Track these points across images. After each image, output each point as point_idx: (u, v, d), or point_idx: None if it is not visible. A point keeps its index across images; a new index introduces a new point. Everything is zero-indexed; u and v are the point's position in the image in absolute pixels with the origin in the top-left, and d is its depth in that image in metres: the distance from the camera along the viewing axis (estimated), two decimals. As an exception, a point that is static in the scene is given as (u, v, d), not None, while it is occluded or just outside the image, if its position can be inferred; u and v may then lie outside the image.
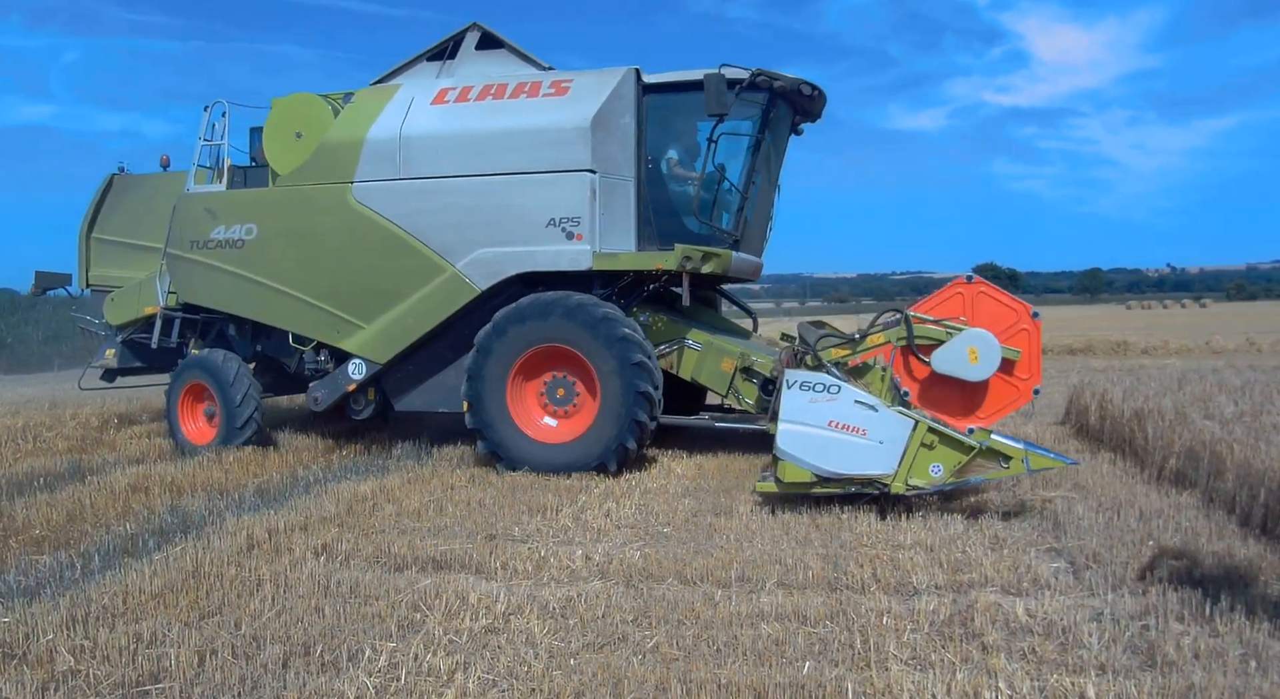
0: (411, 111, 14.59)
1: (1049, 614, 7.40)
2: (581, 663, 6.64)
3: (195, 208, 15.93)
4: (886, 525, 10.22)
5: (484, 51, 15.08)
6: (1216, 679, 6.08)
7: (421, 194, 14.38)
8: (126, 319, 17.12)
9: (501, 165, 14.00)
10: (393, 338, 14.69)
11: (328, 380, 15.34)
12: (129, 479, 13.05)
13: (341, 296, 14.99)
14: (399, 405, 15.47)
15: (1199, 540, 9.26)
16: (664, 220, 14.35)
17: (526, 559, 9.11)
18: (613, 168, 13.86)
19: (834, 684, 6.14)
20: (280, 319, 15.58)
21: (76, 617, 7.52)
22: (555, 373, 13.92)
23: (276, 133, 15.43)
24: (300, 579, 8.56)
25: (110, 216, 17.81)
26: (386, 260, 14.52)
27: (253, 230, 15.49)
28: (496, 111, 14.18)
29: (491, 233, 14.00)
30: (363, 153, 14.65)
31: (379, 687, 6.24)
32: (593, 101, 13.77)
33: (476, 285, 14.07)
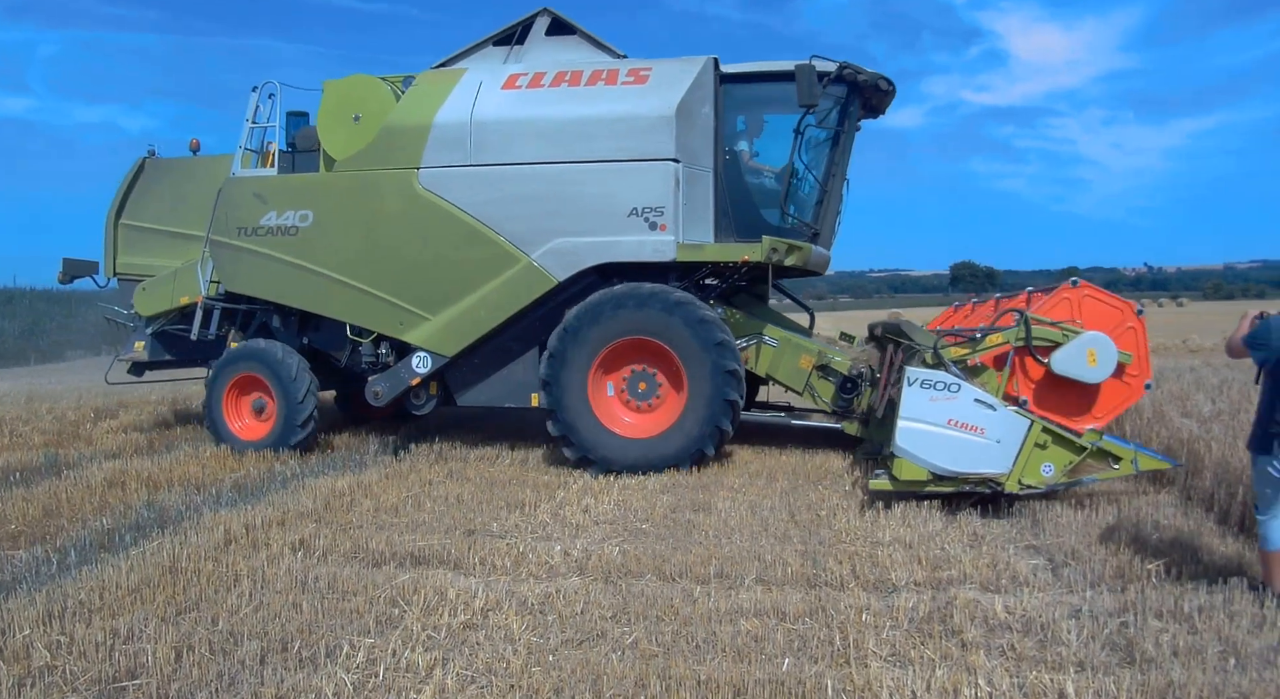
0: (481, 96, 14.17)
1: (1028, 611, 7.41)
2: (560, 659, 6.62)
3: (243, 193, 15.29)
4: (865, 522, 10.23)
5: (554, 37, 14.70)
6: (1195, 676, 6.10)
7: (494, 181, 13.99)
8: (159, 310, 16.28)
9: (580, 153, 13.71)
10: (462, 330, 14.27)
11: (389, 374, 14.80)
12: (105, 474, 12.98)
13: (405, 287, 14.49)
14: (461, 400, 14.98)
15: (1177, 538, 9.28)
16: (740, 212, 14.16)
17: (505, 555, 9.09)
18: (693, 158, 13.65)
19: (813, 681, 6.13)
20: (337, 310, 15.00)
21: (53, 612, 7.47)
22: (636, 366, 13.71)
23: (331, 116, 14.88)
24: (278, 575, 8.52)
25: (140, 202, 16.84)
26: (455, 249, 14.12)
27: (308, 217, 14.91)
28: (573, 98, 13.89)
29: (570, 222, 13.70)
30: (430, 137, 14.19)
31: (357, 683, 6.21)
32: (675, 90, 13.56)
33: (554, 276, 13.75)
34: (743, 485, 12.27)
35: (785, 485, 12.23)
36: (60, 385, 27.37)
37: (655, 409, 13.65)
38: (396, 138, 14.38)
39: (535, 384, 14.04)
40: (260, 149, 15.86)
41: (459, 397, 14.92)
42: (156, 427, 17.95)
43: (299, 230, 14.93)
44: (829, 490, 11.88)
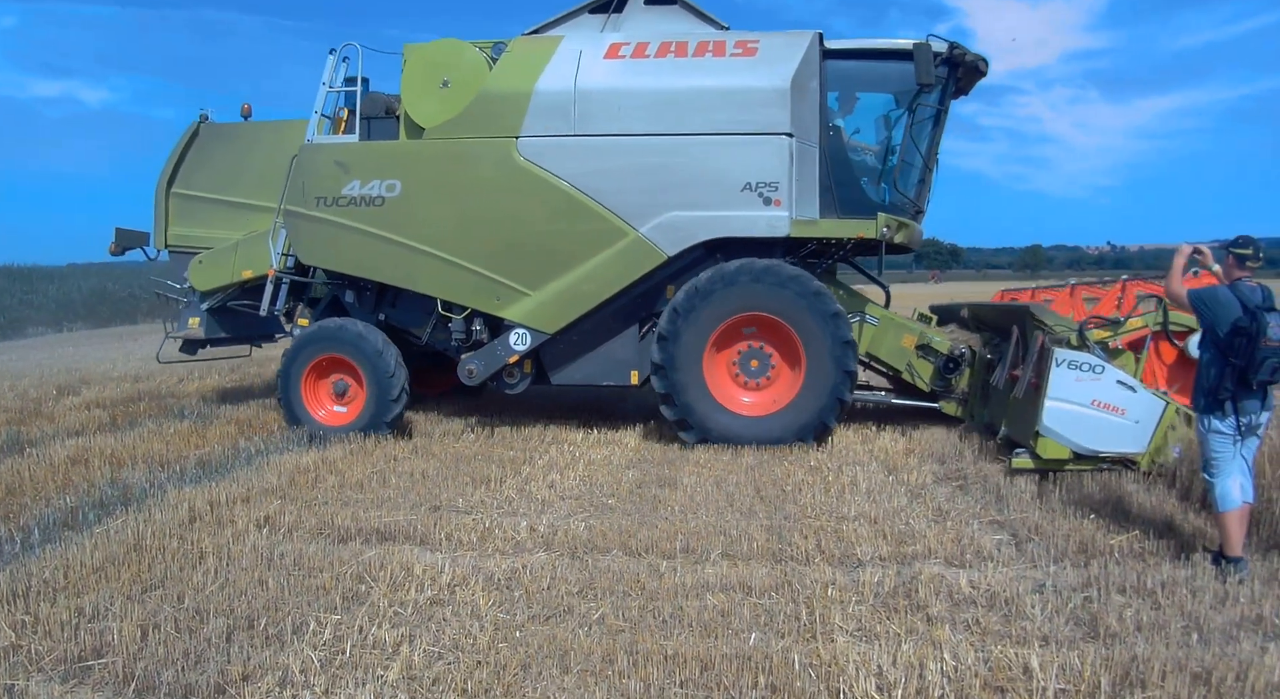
0: (584, 65, 13.76)
1: (992, 586, 7.46)
2: (527, 635, 6.63)
3: (323, 160, 14.48)
4: (831, 498, 10.27)
5: (654, 6, 14.26)
6: (1159, 650, 6.16)
7: (601, 152, 13.62)
8: (217, 284, 15.52)
9: (692, 125, 13.43)
10: (565, 306, 13.86)
11: (484, 352, 14.23)
12: (68, 451, 12.89)
13: (503, 261, 13.99)
14: (556, 378, 14.56)
15: (1140, 514, 9.35)
16: (843, 188, 13.92)
17: (471, 530, 9.09)
18: (804, 133, 13.43)
19: (780, 655, 6.16)
20: (428, 285, 14.35)
21: (17, 591, 7.43)
22: (748, 343, 13.56)
23: (416, 81, 14.20)
24: (243, 552, 8.50)
25: (195, 170, 16.04)
26: (558, 222, 13.71)
27: (395, 187, 14.20)
28: (681, 69, 13.59)
29: (681, 195, 13.41)
30: (530, 106, 13.72)
31: (324, 660, 6.20)
32: (788, 64, 13.36)
33: (664, 251, 13.46)
34: (708, 461, 12.29)
35: (751, 461, 12.24)
36: (22, 362, 27.14)
37: (769, 386, 13.55)
38: (493, 105, 13.92)
39: (634, 361, 14.04)
40: (332, 115, 15.19)
41: (553, 375, 14.57)
42: (120, 403, 17.79)
43: (385, 200, 14.25)
44: (794, 466, 11.90)
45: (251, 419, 15.70)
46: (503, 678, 6.00)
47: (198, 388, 19.91)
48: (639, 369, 14.03)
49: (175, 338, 16.23)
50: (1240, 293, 7.74)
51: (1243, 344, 7.67)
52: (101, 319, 54.25)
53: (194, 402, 17.85)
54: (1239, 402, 7.73)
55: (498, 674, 6.05)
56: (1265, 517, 8.49)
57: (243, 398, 18.17)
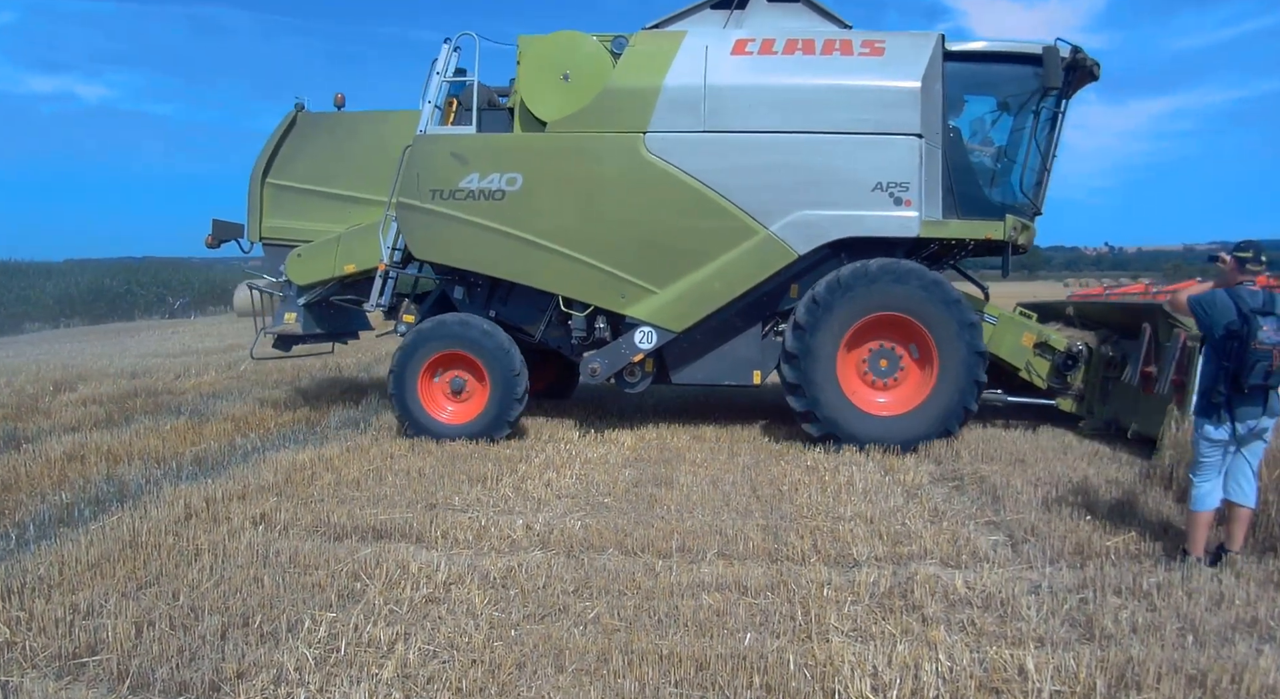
0: (711, 60, 13.56)
1: (988, 587, 7.46)
2: (523, 634, 6.64)
3: (438, 152, 14.10)
4: (827, 498, 10.28)
5: (777, 3, 14.09)
6: (1154, 652, 6.16)
7: (731, 149, 13.44)
8: (316, 278, 15.19)
9: (823, 124, 13.29)
10: (693, 305, 13.63)
11: (608, 350, 13.95)
12: (65, 447, 12.90)
13: (629, 258, 13.73)
14: (677, 377, 14.36)
15: (1136, 515, 9.36)
16: (963, 189, 13.86)
17: (467, 529, 9.09)
18: (930, 133, 13.37)
19: (775, 655, 6.16)
20: (550, 282, 14.04)
21: (12, 588, 7.43)
22: (882, 342, 13.43)
23: (535, 74, 13.98)
24: (239, 549, 8.50)
25: (291, 160, 15.61)
26: (686, 219, 13.49)
27: (516, 180, 13.83)
28: (810, 67, 13.43)
29: (812, 194, 13.26)
30: (659, 101, 13.54)
31: (319, 658, 6.21)
32: (917, 64, 13.32)
33: (795, 249, 13.28)
34: (704, 460, 12.30)
35: (747, 460, 12.26)
36: (19, 358, 27.12)
37: (895, 387, 13.47)
38: (620, 100, 13.72)
39: (756, 361, 13.95)
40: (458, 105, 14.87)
41: (675, 374, 14.37)
42: (116, 399, 17.78)
43: (506, 194, 13.88)
44: (791, 465, 11.92)
45: (248, 416, 15.69)
46: (498, 677, 6.00)
47: (194, 385, 19.91)
48: (761, 369, 13.98)
49: (270, 333, 15.88)
50: (1238, 297, 7.76)
51: (1234, 347, 7.70)
52: (99, 315, 54.29)
53: (190, 398, 17.85)
54: (1235, 408, 7.75)
55: (493, 673, 6.05)
56: (1262, 519, 8.48)
57: (239, 395, 18.16)
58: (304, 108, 15.71)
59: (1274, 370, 7.56)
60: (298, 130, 15.67)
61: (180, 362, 24.57)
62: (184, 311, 59.79)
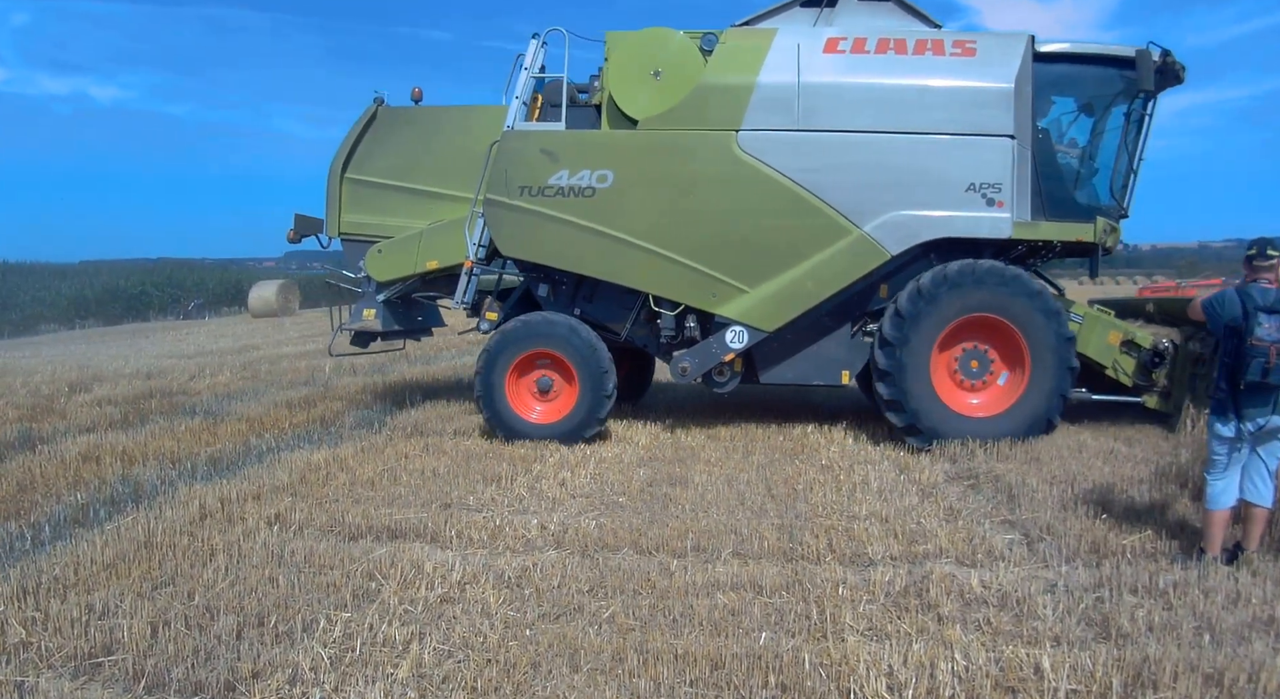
0: (804, 59, 13.49)
1: (1004, 586, 7.44)
2: (538, 633, 6.63)
3: (527, 149, 13.98)
4: (842, 497, 10.26)
5: (867, 2, 14.06)
6: (1170, 651, 6.13)
7: (825, 148, 13.36)
8: (397, 275, 15.15)
9: (916, 124, 13.28)
10: (785, 304, 13.54)
11: (699, 349, 13.89)
12: (80, 448, 12.94)
13: (720, 256, 13.64)
14: (766, 377, 14.29)
15: (1152, 514, 9.33)
16: (1051, 191, 13.84)
17: (482, 528, 9.09)
18: (1021, 135, 13.36)
19: (791, 654, 6.15)
20: (640, 280, 13.94)
21: (27, 588, 7.45)
22: (970, 344, 13.40)
23: (625, 71, 13.89)
24: (253, 549, 8.51)
25: (371, 155, 15.47)
26: (779, 218, 13.38)
27: (607, 177, 13.74)
28: (903, 67, 13.42)
29: (906, 195, 13.24)
30: (752, 99, 13.46)
31: (334, 657, 6.21)
32: (1009, 65, 13.31)
33: (887, 249, 13.24)
34: (719, 459, 12.29)
35: (762, 459, 12.25)
36: (34, 359, 27.21)
37: (988, 386, 13.45)
38: (713, 97, 13.64)
39: (846, 361, 13.93)
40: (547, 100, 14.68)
41: (763, 374, 14.29)
42: (131, 400, 17.82)
43: (596, 191, 13.79)
44: (805, 465, 11.90)
45: (262, 416, 15.71)
46: (513, 676, 6.00)
47: (209, 385, 19.94)
48: (850, 369, 13.94)
49: (348, 330, 15.69)
50: (1246, 294, 7.74)
51: (1234, 344, 7.72)
52: (114, 316, 54.44)
53: (205, 399, 17.87)
54: (1242, 407, 7.73)
55: (508, 672, 6.05)
56: (1279, 518, 8.45)
57: (254, 396, 18.18)
58: (384, 102, 15.56)
59: (1272, 368, 7.52)
60: (377, 125, 15.55)
61: (195, 362, 24.63)
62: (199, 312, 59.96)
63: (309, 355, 26.59)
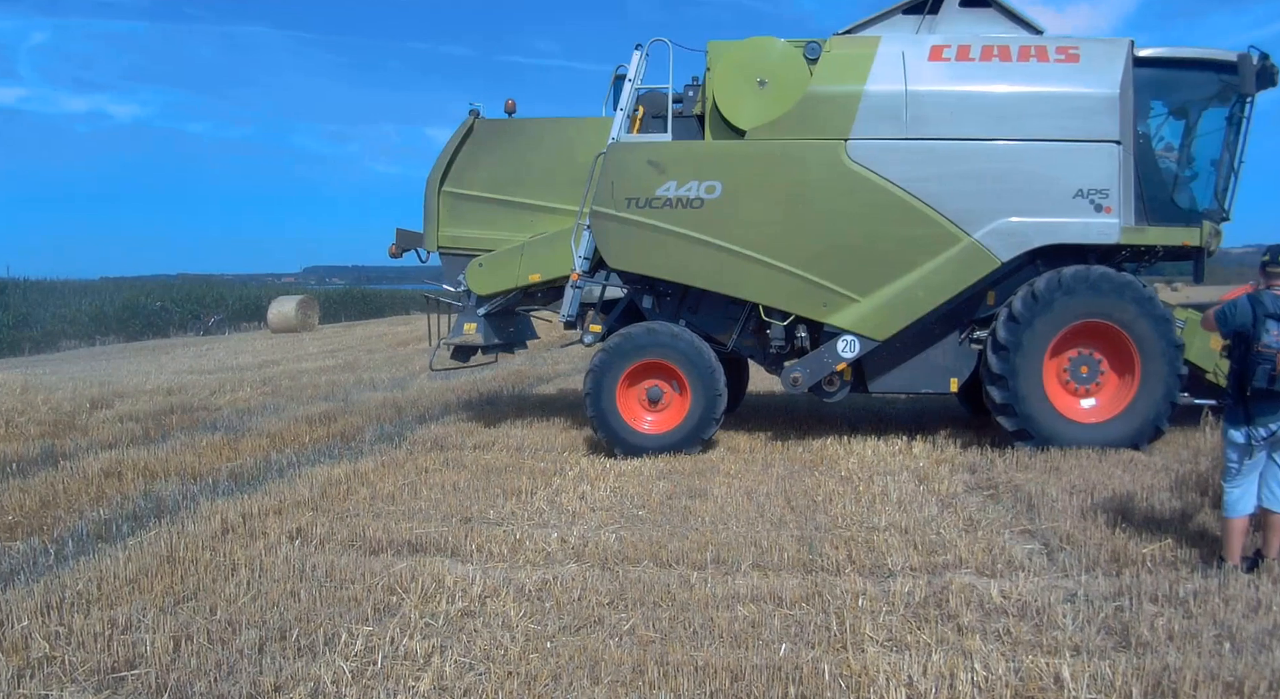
0: (910, 66, 13.51)
1: (1023, 596, 7.44)
2: (558, 645, 6.65)
3: (634, 160, 13.93)
4: (861, 508, 10.26)
5: (968, 9, 14.01)
6: (1191, 660, 6.12)
7: (934, 156, 13.35)
8: (498, 288, 15.07)
9: (1025, 131, 13.27)
10: (896, 313, 13.50)
11: (810, 359, 13.82)
12: (102, 464, 12.98)
13: (831, 265, 13.57)
14: (874, 386, 14.33)
15: (1172, 522, 9.31)
16: (1153, 195, 13.82)
17: (502, 542, 9.11)
18: (1125, 140, 13.32)
19: (811, 666, 6.16)
20: (751, 291, 13.88)
21: (51, 603, 7.49)
22: (1080, 349, 13.40)
23: (729, 80, 13.82)
24: (275, 563, 8.54)
25: (469, 168, 15.31)
26: (890, 227, 13.37)
27: (716, 188, 13.67)
28: (1009, 74, 13.43)
29: (1015, 201, 13.22)
30: (860, 107, 13.43)
31: (356, 671, 6.24)
32: (1113, 71, 13.31)
33: (998, 257, 13.22)
34: (739, 471, 12.29)
35: (781, 471, 12.25)
36: (55, 375, 27.30)
37: (1097, 392, 13.44)
38: (821, 107, 13.59)
39: (954, 368, 13.94)
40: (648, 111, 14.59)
41: (873, 383, 14.31)
42: (152, 416, 17.88)
43: (705, 203, 13.73)
44: (825, 476, 11.90)
45: (283, 431, 15.75)
46: (534, 688, 6.03)
47: (230, 401, 19.99)
48: (958, 376, 13.96)
49: (449, 344, 15.69)
50: (1257, 301, 7.75)
51: (1241, 350, 7.75)
52: (134, 333, 54.58)
53: (226, 415, 17.93)
54: (1252, 413, 7.74)
55: (529, 685, 6.07)
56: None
57: (274, 411, 18.23)
58: (480, 115, 15.44)
59: (1278, 374, 7.53)
60: (475, 138, 15.42)
61: (215, 378, 24.70)
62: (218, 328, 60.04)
63: (329, 370, 26.67)
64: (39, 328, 50.58)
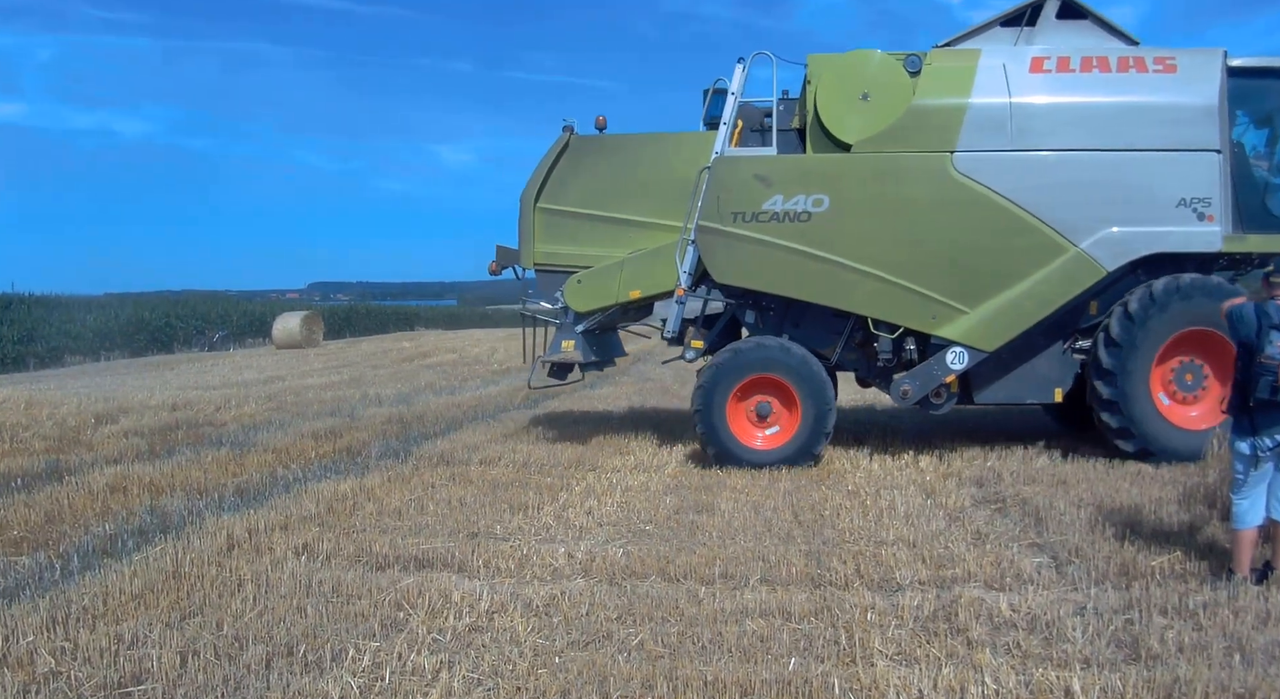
0: (1011, 79, 13.58)
1: (1033, 609, 7.42)
2: (566, 661, 6.63)
3: (740, 174, 13.93)
4: (869, 522, 10.24)
5: (1065, 20, 14.09)
6: (1201, 672, 6.10)
7: (1039, 167, 13.42)
8: (597, 305, 14.93)
9: (1125, 140, 13.34)
10: (1004, 324, 13.51)
11: (919, 372, 13.82)
12: (107, 479, 12.97)
13: (939, 278, 13.60)
14: (980, 397, 14.34)
15: (1180, 535, 9.29)
16: (1248, 203, 13.80)
17: (509, 557, 9.09)
18: (1223, 149, 13.44)
19: (820, 680, 6.14)
20: (859, 304, 13.89)
21: (57, 618, 7.47)
22: (1185, 357, 13.45)
23: (834, 94, 13.84)
24: (282, 579, 8.52)
25: (564, 184, 15.18)
26: (997, 238, 13.42)
27: (823, 201, 13.65)
28: (1109, 85, 13.53)
29: (1120, 211, 13.27)
30: (965, 120, 13.50)
31: (363, 687, 6.22)
32: (1210, 81, 13.42)
33: (1104, 266, 13.26)
34: (745, 486, 12.28)
35: (788, 486, 12.24)
36: (60, 391, 27.28)
37: (1198, 401, 13.46)
38: (926, 119, 13.67)
39: (1058, 378, 13.94)
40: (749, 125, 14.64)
41: (978, 394, 14.30)
42: (158, 431, 17.87)
43: (812, 216, 13.70)
44: (832, 490, 11.89)
45: (289, 447, 15.74)
46: (542, 704, 6.01)
47: (235, 416, 19.98)
48: (1062, 386, 13.94)
49: (546, 361, 15.49)
50: (1263, 311, 7.76)
51: (1245, 361, 7.76)
52: (139, 348, 54.63)
53: (231, 430, 17.92)
54: (1260, 424, 7.74)
55: (537, 700, 6.06)
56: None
57: (280, 426, 18.23)
58: (574, 131, 15.33)
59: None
60: (570, 154, 15.30)
61: (220, 394, 24.68)
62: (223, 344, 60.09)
63: (334, 386, 26.68)
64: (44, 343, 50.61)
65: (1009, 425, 16.33)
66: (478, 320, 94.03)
